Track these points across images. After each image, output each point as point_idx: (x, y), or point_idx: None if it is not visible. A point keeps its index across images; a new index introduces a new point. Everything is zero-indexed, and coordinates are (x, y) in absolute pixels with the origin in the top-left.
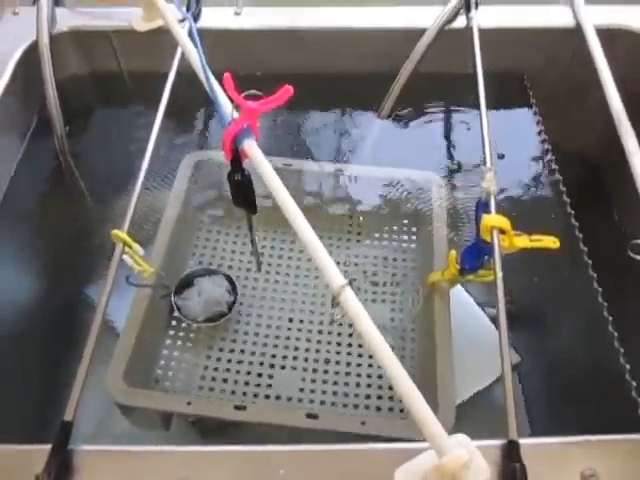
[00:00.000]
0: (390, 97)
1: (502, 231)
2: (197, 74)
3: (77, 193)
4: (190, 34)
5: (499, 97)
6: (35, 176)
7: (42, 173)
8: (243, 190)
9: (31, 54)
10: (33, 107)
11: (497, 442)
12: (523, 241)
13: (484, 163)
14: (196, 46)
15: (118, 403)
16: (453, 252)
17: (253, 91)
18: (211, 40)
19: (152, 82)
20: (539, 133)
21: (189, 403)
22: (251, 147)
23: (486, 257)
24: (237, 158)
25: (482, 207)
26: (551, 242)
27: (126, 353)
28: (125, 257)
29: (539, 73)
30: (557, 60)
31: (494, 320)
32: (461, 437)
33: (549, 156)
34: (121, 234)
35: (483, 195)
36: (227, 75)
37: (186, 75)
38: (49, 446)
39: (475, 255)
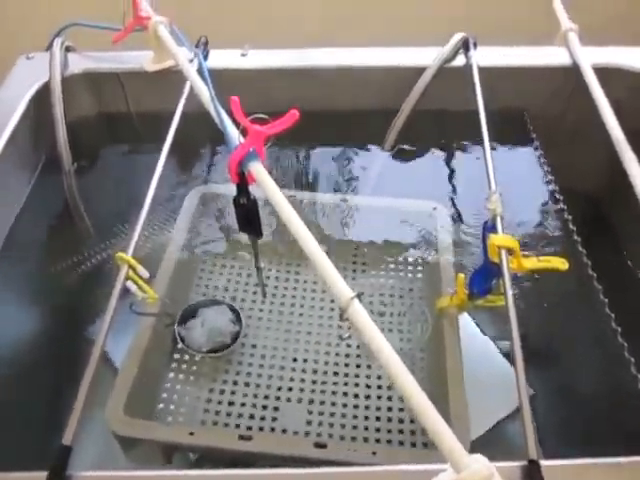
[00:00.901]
0: (393, 130)
1: (510, 252)
2: (205, 105)
3: (83, 229)
4: (199, 70)
5: (500, 133)
6: (42, 211)
7: (49, 209)
8: (249, 214)
9: (43, 94)
10: (43, 145)
11: (517, 463)
12: (531, 262)
13: (489, 186)
14: (204, 78)
15: (118, 435)
16: (461, 275)
17: (260, 115)
18: (218, 80)
19: (159, 121)
20: (540, 166)
21: (192, 433)
22: (257, 169)
23: (494, 281)
24: (243, 181)
25: (489, 229)
26: (560, 263)
27: (127, 384)
28: (129, 283)
29: (539, 110)
30: (556, 97)
31: (504, 354)
32: (479, 457)
33: (552, 186)
34: (125, 256)
35: (489, 217)
36: (234, 98)
37: (192, 113)
38: (45, 473)
39: (483, 278)
